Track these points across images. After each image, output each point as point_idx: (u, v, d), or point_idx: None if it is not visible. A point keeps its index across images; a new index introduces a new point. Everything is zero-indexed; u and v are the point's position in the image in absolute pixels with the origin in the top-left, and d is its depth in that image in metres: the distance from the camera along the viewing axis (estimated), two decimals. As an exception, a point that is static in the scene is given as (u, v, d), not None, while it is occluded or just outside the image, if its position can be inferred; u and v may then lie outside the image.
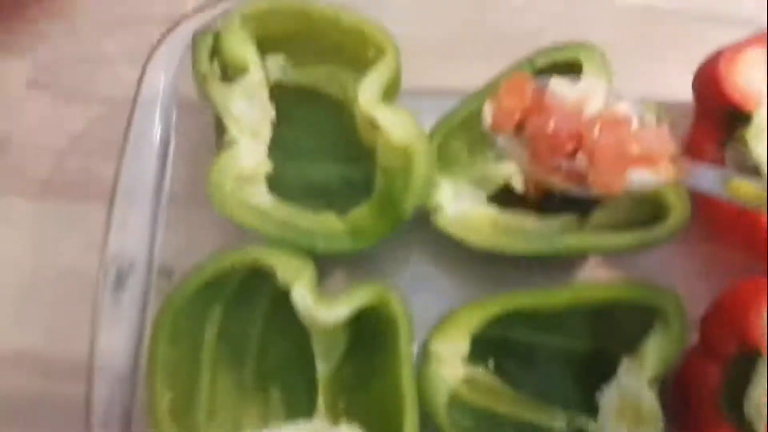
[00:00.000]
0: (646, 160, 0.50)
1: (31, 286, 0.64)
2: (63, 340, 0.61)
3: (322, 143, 0.64)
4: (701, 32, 0.64)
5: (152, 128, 0.60)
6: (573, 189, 0.52)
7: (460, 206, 0.57)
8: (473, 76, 0.63)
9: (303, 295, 0.52)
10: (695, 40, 0.63)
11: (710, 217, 0.61)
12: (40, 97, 0.69)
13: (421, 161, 0.54)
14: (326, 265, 0.63)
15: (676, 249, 0.63)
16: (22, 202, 0.65)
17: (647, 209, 0.56)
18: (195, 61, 0.56)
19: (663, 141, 0.50)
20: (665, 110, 0.57)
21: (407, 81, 0.66)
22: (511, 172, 0.59)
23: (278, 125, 0.61)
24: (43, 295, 0.63)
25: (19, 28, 0.71)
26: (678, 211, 0.53)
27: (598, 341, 0.58)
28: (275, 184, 0.60)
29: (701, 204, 0.61)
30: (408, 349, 0.52)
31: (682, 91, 0.63)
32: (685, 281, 0.62)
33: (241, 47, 0.56)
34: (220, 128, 0.57)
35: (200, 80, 0.56)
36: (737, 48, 0.57)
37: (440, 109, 0.62)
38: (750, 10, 0.71)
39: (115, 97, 0.67)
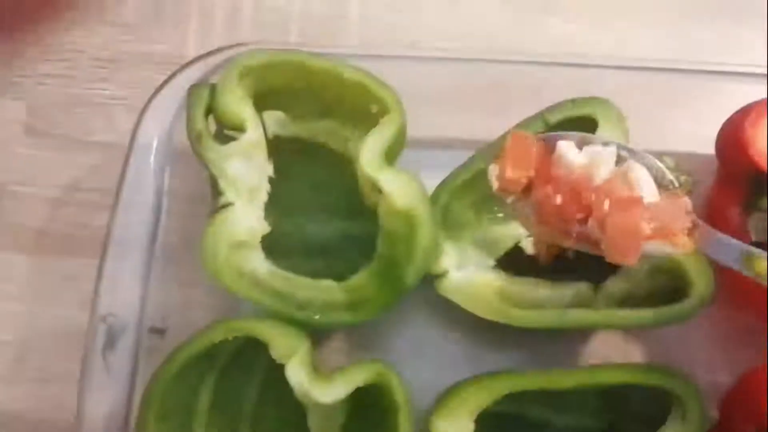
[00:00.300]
0: (661, 234, 0.47)
1: (24, 343, 0.62)
2: (52, 401, 0.60)
3: (321, 199, 0.61)
4: (716, 85, 0.61)
5: (147, 179, 0.58)
6: (587, 248, 0.49)
7: (466, 272, 0.54)
8: (479, 127, 0.60)
9: (298, 372, 0.49)
10: (710, 92, 0.60)
11: (734, 285, 0.57)
12: (37, 143, 0.67)
13: (425, 229, 0.52)
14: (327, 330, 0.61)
15: (698, 318, 0.60)
16: (17, 255, 0.63)
17: (666, 279, 0.52)
18: (189, 118, 0.53)
19: (679, 215, 0.47)
20: (684, 165, 0.54)
21: (412, 131, 0.63)
22: (520, 233, 0.56)
23: (276, 180, 0.58)
24: (35, 353, 0.62)
25: (18, 69, 0.69)
26: (700, 288, 0.50)
27: (611, 420, 0.55)
28: (273, 241, 0.58)
29: (725, 271, 0.58)
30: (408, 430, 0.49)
31: (696, 144, 0.60)
32: (706, 352, 0.60)
33: (238, 104, 0.53)
34: (215, 186, 0.55)
35: (194, 138, 0.53)
36: (763, 108, 0.53)
37: (446, 160, 0.59)
38: (761, 56, 0.68)
39: (111, 144, 0.65)
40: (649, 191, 0.47)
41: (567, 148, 0.48)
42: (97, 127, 0.67)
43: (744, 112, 0.54)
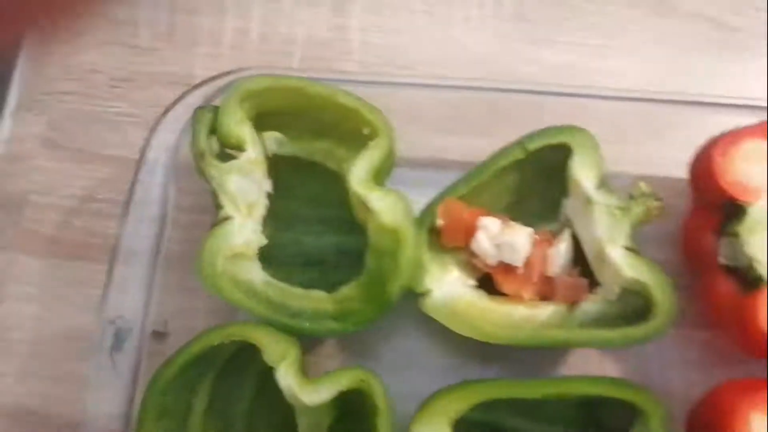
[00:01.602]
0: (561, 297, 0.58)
1: (36, 342, 0.66)
2: (61, 398, 0.63)
3: (317, 214, 0.65)
4: (702, 115, 0.63)
5: (154, 191, 0.62)
6: None
7: (449, 291, 0.58)
8: (473, 149, 0.64)
9: (287, 375, 0.53)
10: (696, 122, 0.62)
11: (710, 306, 0.60)
12: (55, 155, 0.71)
13: (409, 245, 0.55)
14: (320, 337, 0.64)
15: (673, 336, 0.62)
16: (31, 260, 0.68)
17: (637, 300, 0.55)
18: (194, 138, 0.57)
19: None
20: (663, 188, 0.57)
21: (407, 151, 0.67)
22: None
23: (275, 196, 0.62)
24: (46, 351, 0.66)
25: (40, 87, 0.74)
26: (663, 310, 0.52)
27: (582, 430, 0.57)
28: (270, 253, 0.62)
29: (701, 294, 0.61)
30: (387, 435, 0.52)
31: (677, 169, 0.63)
32: (681, 371, 0.62)
33: (238, 126, 0.57)
34: (216, 201, 0.59)
35: (198, 157, 0.57)
36: (733, 138, 0.56)
37: (439, 180, 0.63)
38: (751, 88, 0.70)
39: (123, 158, 0.69)
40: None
41: (481, 238, 0.57)
42: (111, 141, 0.71)
43: (714, 142, 0.57)
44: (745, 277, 0.55)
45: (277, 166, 0.62)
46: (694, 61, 0.73)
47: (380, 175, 0.58)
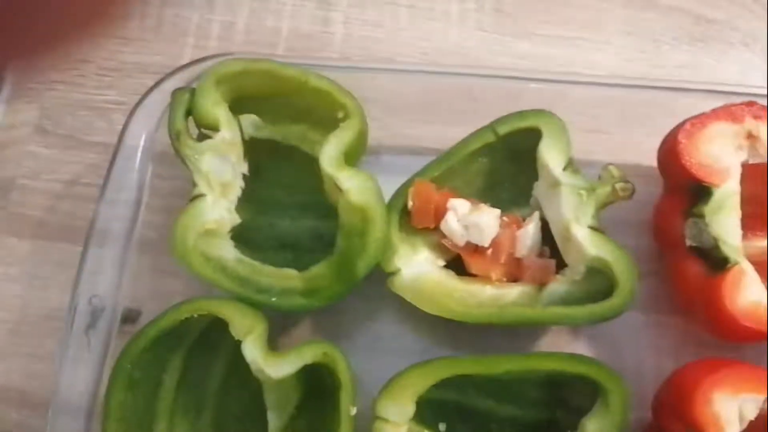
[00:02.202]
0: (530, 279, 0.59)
1: (20, 322, 0.68)
2: (40, 375, 0.65)
3: (294, 198, 0.66)
4: (676, 102, 0.64)
5: (131, 176, 0.63)
6: None
7: (417, 271, 0.58)
8: (451, 137, 0.64)
9: (253, 349, 0.54)
10: (669, 110, 0.63)
11: (679, 291, 0.60)
12: (45, 142, 0.74)
13: (377, 224, 0.56)
14: (294, 318, 0.65)
15: (645, 321, 0.63)
16: (17, 242, 0.70)
17: (602, 280, 0.56)
18: (170, 118, 0.59)
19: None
20: (632, 177, 0.57)
21: (387, 139, 0.68)
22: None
23: (253, 179, 0.63)
24: (29, 330, 0.67)
25: (32, 76, 0.76)
26: (623, 290, 0.53)
27: (550, 411, 0.57)
28: (246, 235, 0.63)
29: (671, 277, 0.61)
30: (348, 409, 0.52)
31: (651, 156, 0.63)
32: (653, 355, 0.62)
33: (214, 107, 0.59)
34: (193, 183, 0.60)
35: (174, 136, 0.59)
36: (698, 121, 0.57)
37: (419, 167, 0.63)
38: (733, 74, 0.71)
39: (109, 144, 0.70)
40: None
41: (450, 219, 0.58)
42: (99, 128, 0.73)
43: (680, 126, 0.57)
44: (712, 259, 0.55)
45: (255, 151, 0.64)
46: (671, 52, 0.74)
47: (351, 157, 0.59)
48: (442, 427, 0.58)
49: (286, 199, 0.66)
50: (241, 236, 0.62)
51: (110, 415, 0.54)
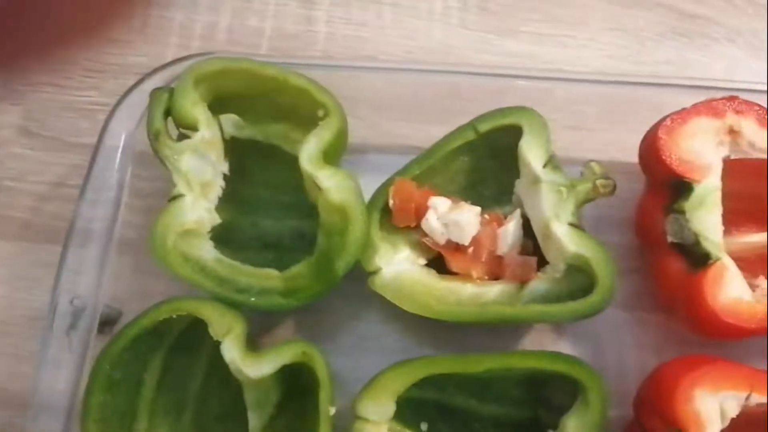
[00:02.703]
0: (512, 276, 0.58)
1: (4, 323, 0.67)
2: (23, 376, 0.64)
3: (277, 197, 0.66)
4: (659, 98, 0.64)
5: (111, 177, 0.63)
6: None
7: (398, 270, 0.58)
8: (436, 135, 0.64)
9: (232, 349, 0.53)
10: (653, 106, 0.62)
11: (661, 288, 0.60)
12: (30, 143, 0.73)
13: (357, 222, 0.56)
14: (276, 317, 0.65)
15: (627, 319, 0.63)
16: (2, 243, 0.70)
17: (582, 277, 0.55)
18: (149, 118, 0.59)
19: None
20: (615, 174, 0.57)
21: (372, 138, 0.68)
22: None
23: (234, 179, 0.63)
24: (13, 331, 0.67)
25: (17, 77, 0.76)
26: (602, 287, 0.52)
27: (531, 410, 0.57)
28: (228, 236, 0.63)
29: (653, 275, 0.61)
30: (326, 408, 0.52)
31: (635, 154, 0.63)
32: (635, 353, 0.62)
33: (192, 106, 0.59)
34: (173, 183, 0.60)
35: (153, 137, 0.59)
36: (679, 117, 0.56)
37: (401, 165, 0.63)
38: (718, 69, 0.71)
39: (93, 145, 0.71)
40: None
41: (431, 217, 0.58)
42: (83, 129, 0.73)
43: (661, 122, 0.57)
44: (693, 255, 0.55)
45: (237, 151, 0.64)
46: (655, 49, 0.74)
47: (332, 155, 0.59)
48: (423, 426, 0.58)
49: (269, 198, 0.66)
50: (223, 237, 0.62)
51: (89, 415, 0.54)
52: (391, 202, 0.59)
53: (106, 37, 0.77)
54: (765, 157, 0.57)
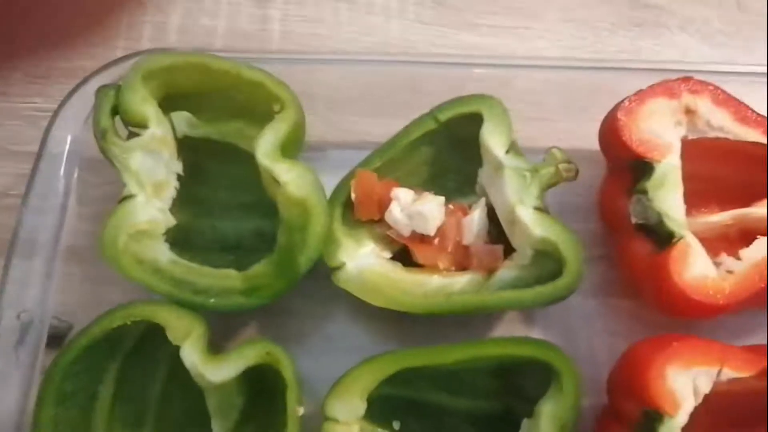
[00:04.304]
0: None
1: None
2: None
3: (236, 198, 0.64)
4: (618, 85, 0.63)
5: (56, 182, 0.60)
6: None
7: (362, 264, 0.56)
8: (395, 129, 0.63)
9: (192, 353, 0.51)
10: (612, 93, 0.62)
11: (627, 272, 0.60)
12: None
13: (318, 216, 0.54)
14: (239, 320, 0.62)
15: (596, 305, 0.62)
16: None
17: (550, 263, 0.54)
18: (95, 116, 0.56)
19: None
20: (578, 162, 0.57)
21: (331, 134, 0.67)
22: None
23: (191, 181, 0.61)
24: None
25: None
26: (571, 269, 0.52)
27: (504, 401, 0.56)
28: (186, 238, 0.60)
29: (619, 259, 0.60)
30: (294, 408, 0.50)
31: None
32: (606, 339, 0.61)
33: (141, 103, 0.56)
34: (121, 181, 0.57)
35: (100, 135, 0.56)
36: (637, 98, 0.56)
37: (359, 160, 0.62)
38: (670, 56, 0.72)
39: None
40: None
41: (394, 209, 0.57)
42: (28, 137, 0.70)
43: (619, 103, 0.57)
44: (657, 235, 0.55)
45: (192, 150, 0.62)
46: (610, 38, 0.74)
47: (289, 149, 0.57)
48: (396, 425, 0.56)
49: (227, 199, 0.64)
50: (181, 240, 0.59)
51: (40, 430, 0.50)
52: (353, 195, 0.58)
53: (50, 42, 0.74)
54: (721, 135, 0.57)
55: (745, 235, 0.58)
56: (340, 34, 0.75)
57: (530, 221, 0.54)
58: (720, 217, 0.59)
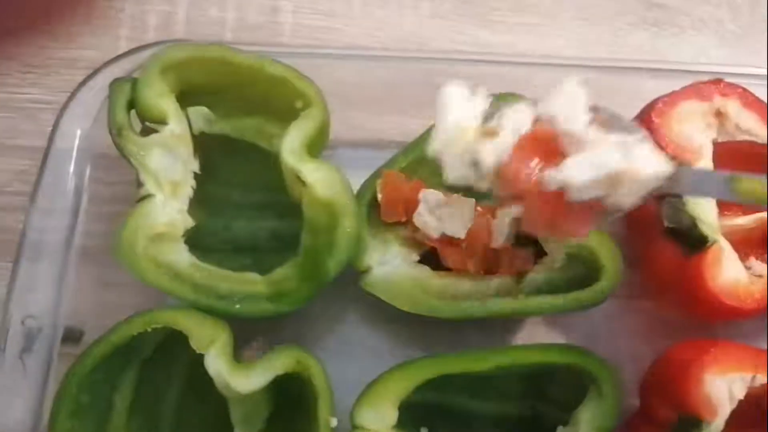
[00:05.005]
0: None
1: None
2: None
3: (250, 197, 0.61)
4: (638, 85, 0.63)
5: (66, 182, 0.57)
6: None
7: (389, 268, 0.55)
8: (411, 128, 0.61)
9: (217, 361, 0.48)
10: (632, 93, 0.62)
11: (653, 275, 0.59)
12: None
13: (346, 217, 0.52)
14: (253, 324, 0.60)
15: (619, 308, 0.61)
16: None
17: (582, 267, 0.54)
18: (110, 112, 0.53)
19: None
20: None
21: (345, 133, 0.65)
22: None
23: (204, 179, 0.58)
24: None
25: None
26: (609, 273, 0.51)
27: (534, 407, 0.55)
28: (199, 239, 0.57)
29: (645, 263, 0.60)
30: (326, 419, 0.48)
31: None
32: (629, 342, 0.61)
33: (159, 98, 0.53)
34: (138, 180, 0.54)
35: (116, 132, 0.53)
36: (669, 100, 0.56)
37: (380, 161, 0.60)
38: (688, 59, 0.71)
39: (38, 148, 0.63)
40: None
41: (423, 211, 0.54)
42: (25, 131, 0.66)
43: (651, 104, 0.56)
44: (689, 239, 0.54)
45: (206, 147, 0.59)
46: (627, 37, 0.73)
47: (314, 148, 0.55)
48: (423, 431, 0.54)
49: (242, 199, 0.61)
50: (193, 241, 0.56)
51: (55, 447, 0.47)
52: (379, 196, 0.56)
53: (48, 30, 0.70)
54: (749, 139, 0.57)
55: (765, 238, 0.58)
56: (353, 28, 0.73)
57: (565, 225, 0.52)
58: (745, 220, 0.59)
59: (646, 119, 0.56)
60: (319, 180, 0.53)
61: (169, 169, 0.54)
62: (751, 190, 0.43)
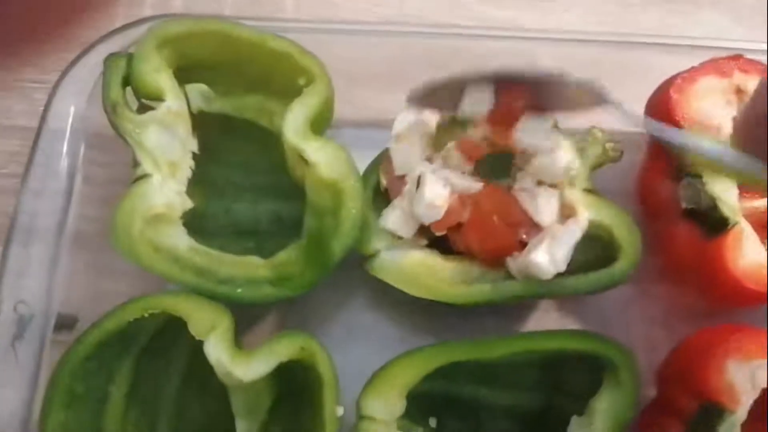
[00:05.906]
0: None
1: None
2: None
3: (251, 179, 0.59)
4: (651, 59, 0.61)
5: (59, 163, 0.54)
6: None
7: (397, 252, 0.52)
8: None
9: (217, 348, 0.46)
10: (645, 67, 0.60)
11: (671, 259, 0.57)
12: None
13: (351, 199, 0.50)
14: (253, 311, 0.58)
15: (633, 293, 0.60)
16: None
17: (600, 248, 0.51)
18: (105, 88, 0.51)
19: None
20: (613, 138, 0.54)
21: (348, 111, 0.62)
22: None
23: (203, 159, 0.56)
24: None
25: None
26: (628, 253, 0.49)
27: (547, 396, 0.53)
28: (198, 223, 0.55)
29: (661, 247, 0.58)
30: (332, 409, 0.46)
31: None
32: (645, 329, 0.59)
33: (155, 73, 0.51)
34: (134, 159, 0.52)
35: (110, 109, 0.51)
36: (689, 76, 0.54)
37: (385, 141, 0.58)
38: (701, 34, 0.69)
39: (29, 128, 0.61)
40: None
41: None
42: (18, 111, 0.64)
43: (670, 81, 0.54)
44: (709, 220, 0.52)
45: (205, 127, 0.56)
46: (640, 14, 0.71)
47: (318, 126, 0.53)
48: (432, 422, 0.52)
49: (243, 180, 0.59)
50: (192, 224, 0.54)
51: (48, 438, 0.45)
52: (382, 179, 0.53)
53: (40, 6, 0.67)
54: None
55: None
56: (355, 3, 0.71)
57: (581, 204, 0.50)
58: (763, 202, 0.57)
59: (665, 95, 0.53)
60: (323, 159, 0.50)
61: (166, 148, 0.51)
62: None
